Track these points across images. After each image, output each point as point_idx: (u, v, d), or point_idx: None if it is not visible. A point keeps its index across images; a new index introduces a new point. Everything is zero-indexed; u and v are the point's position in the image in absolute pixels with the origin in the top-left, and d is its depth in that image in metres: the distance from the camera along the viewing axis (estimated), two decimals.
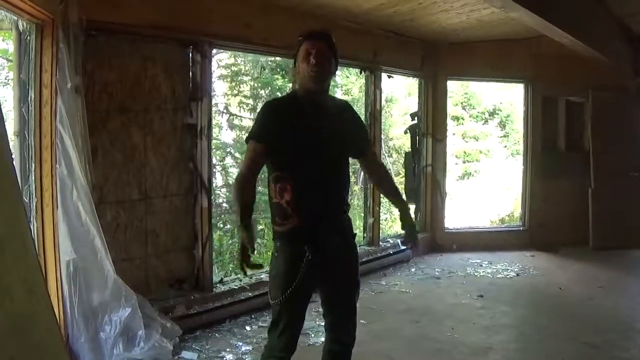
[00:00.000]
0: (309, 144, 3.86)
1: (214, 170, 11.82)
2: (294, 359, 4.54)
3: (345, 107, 4.28)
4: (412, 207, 11.20)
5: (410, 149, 11.13)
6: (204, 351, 5.99)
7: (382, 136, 11.81)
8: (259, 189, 13.39)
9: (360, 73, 9.86)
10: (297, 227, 3.90)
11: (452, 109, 18.97)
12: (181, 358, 5.78)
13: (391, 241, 10.24)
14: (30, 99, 5.13)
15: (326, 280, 4.05)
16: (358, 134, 4.25)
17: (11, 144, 5.13)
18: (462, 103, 21.87)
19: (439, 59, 10.88)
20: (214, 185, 10.28)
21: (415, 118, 10.98)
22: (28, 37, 5.13)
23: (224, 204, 13.00)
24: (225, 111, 13.52)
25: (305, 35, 4.03)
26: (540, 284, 8.92)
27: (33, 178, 5.14)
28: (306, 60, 3.89)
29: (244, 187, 3.81)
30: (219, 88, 13.51)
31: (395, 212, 4.38)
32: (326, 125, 3.90)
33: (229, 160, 13.63)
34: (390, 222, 14.62)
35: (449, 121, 13.75)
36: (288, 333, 4.01)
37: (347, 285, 4.16)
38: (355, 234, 4.28)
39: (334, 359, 4.26)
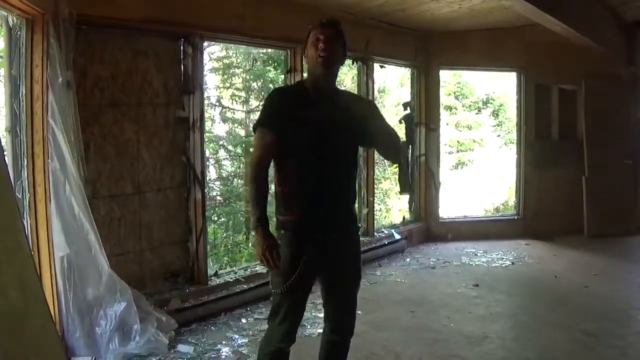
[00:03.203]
0: (315, 133, 3.87)
1: (207, 163, 11.81)
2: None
3: (355, 99, 4.34)
4: (406, 198, 11.26)
5: (404, 139, 11.13)
6: (200, 344, 5.98)
7: None
8: None
9: (353, 64, 9.85)
10: (300, 218, 3.92)
11: (445, 99, 18.96)
12: (177, 352, 5.76)
13: (386, 231, 10.24)
14: (22, 95, 5.11)
15: (328, 271, 4.06)
16: (367, 121, 4.09)
17: (3, 140, 5.12)
18: (454, 93, 21.87)
19: (431, 48, 10.86)
20: (207, 178, 10.28)
21: (408, 108, 10.97)
22: (18, 33, 5.10)
23: (218, 197, 13.00)
24: (217, 104, 13.49)
25: (315, 23, 4.01)
26: (536, 272, 8.93)
27: (26, 174, 5.12)
28: (315, 46, 3.90)
29: (258, 183, 3.88)
30: (211, 81, 13.50)
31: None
32: (332, 114, 3.89)
33: (222, 153, 13.63)
34: (385, 213, 14.65)
35: (442, 111, 13.74)
36: (288, 322, 4.00)
37: (348, 277, 4.19)
38: (360, 227, 4.29)
39: (332, 349, 4.29)
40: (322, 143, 3.88)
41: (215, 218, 12.47)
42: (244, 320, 6.68)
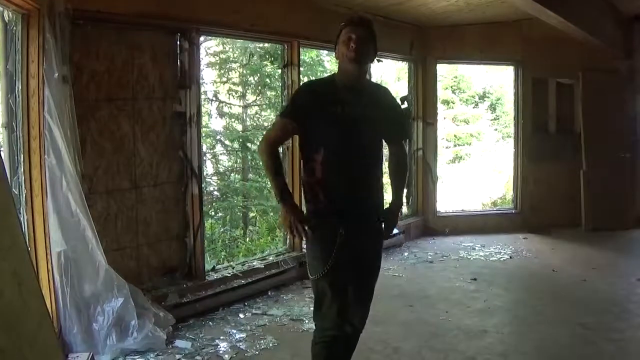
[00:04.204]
0: (341, 127, 3.99)
1: (204, 158, 11.80)
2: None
3: (383, 93, 4.39)
4: (404, 191, 11.23)
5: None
6: (198, 340, 5.97)
7: None
8: (250, 175, 13.43)
9: None
10: (326, 207, 4.04)
11: (442, 93, 18.97)
12: (175, 347, 5.75)
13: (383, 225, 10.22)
14: (18, 90, 5.08)
15: (348, 261, 4.07)
16: (391, 122, 4.31)
17: None
18: (452, 87, 21.88)
19: (428, 42, 10.86)
20: (204, 173, 10.26)
21: (405, 102, 10.93)
22: (14, 28, 5.08)
23: (215, 192, 13.00)
24: (214, 99, 13.48)
25: (347, 21, 4.13)
26: (534, 266, 8.93)
27: (22, 170, 5.10)
28: (346, 44, 4.01)
29: (274, 154, 4.12)
30: (208, 76, 13.49)
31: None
32: (360, 110, 4.02)
33: (219, 148, 13.63)
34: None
35: (439, 105, 13.71)
36: (335, 307, 4.04)
37: (367, 270, 4.27)
38: (383, 218, 4.31)
39: (342, 341, 4.25)
40: (349, 138, 3.99)
41: (213, 213, 12.49)
42: (241, 316, 6.67)
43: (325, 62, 14.50)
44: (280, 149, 4.33)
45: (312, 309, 4.32)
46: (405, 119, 4.79)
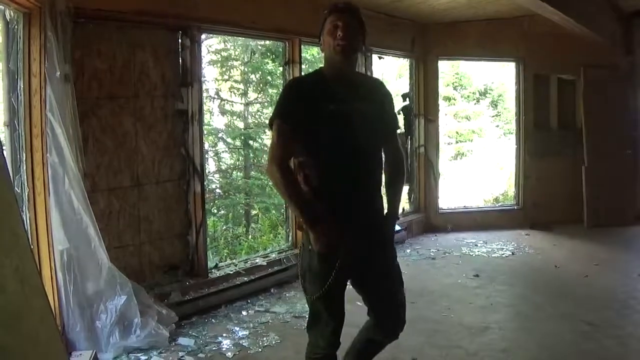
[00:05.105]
0: (336, 126, 3.60)
1: (206, 155, 11.80)
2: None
3: (376, 86, 4.08)
4: (406, 188, 11.22)
5: (402, 130, 11.10)
6: (201, 337, 5.98)
7: None
8: (252, 173, 13.41)
9: None
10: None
11: (443, 90, 18.95)
12: (178, 344, 5.76)
13: None
14: (20, 89, 5.10)
15: (363, 271, 3.86)
16: (385, 118, 3.97)
17: (1, 134, 5.11)
18: (453, 83, 21.87)
19: (429, 39, 10.84)
20: (206, 170, 10.26)
21: (407, 99, 10.95)
22: (16, 27, 5.09)
23: (217, 189, 13.00)
24: (216, 96, 13.48)
25: (330, 8, 3.79)
26: (536, 262, 8.93)
27: (24, 168, 5.11)
28: (332, 34, 3.67)
29: (289, 179, 3.58)
30: (210, 73, 13.49)
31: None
32: (355, 106, 3.67)
33: (221, 146, 13.63)
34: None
35: (441, 101, 13.71)
36: (331, 327, 3.80)
37: (385, 276, 3.93)
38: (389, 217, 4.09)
39: (368, 350, 4.13)
40: (348, 136, 3.63)
41: (215, 211, 12.49)
42: (244, 313, 6.68)
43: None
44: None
45: None
46: (395, 112, 4.44)
